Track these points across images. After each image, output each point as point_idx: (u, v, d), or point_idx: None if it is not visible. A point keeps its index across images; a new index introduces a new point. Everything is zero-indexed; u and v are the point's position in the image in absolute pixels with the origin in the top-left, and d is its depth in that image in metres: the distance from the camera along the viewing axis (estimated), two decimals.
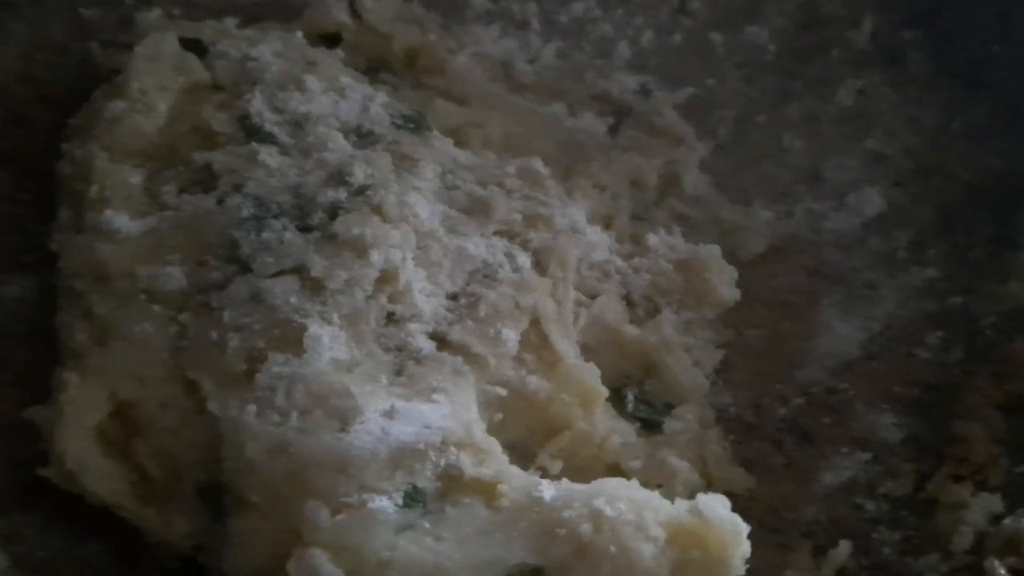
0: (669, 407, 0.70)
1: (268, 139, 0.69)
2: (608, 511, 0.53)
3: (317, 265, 0.60)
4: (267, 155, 0.67)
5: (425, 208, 0.65)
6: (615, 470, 0.65)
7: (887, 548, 0.65)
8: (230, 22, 0.81)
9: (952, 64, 0.85)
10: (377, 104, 0.73)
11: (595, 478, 0.58)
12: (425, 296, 0.62)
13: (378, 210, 0.63)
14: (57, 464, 0.58)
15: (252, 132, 0.69)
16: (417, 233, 0.63)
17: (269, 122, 0.70)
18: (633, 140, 0.86)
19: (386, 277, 0.61)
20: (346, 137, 0.69)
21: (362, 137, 0.70)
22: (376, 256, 0.60)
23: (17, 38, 0.76)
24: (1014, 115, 0.82)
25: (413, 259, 0.62)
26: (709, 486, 0.68)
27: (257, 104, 0.70)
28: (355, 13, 0.85)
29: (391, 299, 0.61)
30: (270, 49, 0.74)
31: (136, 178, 0.66)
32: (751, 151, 0.87)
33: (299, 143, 0.69)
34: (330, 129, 0.69)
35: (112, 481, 0.58)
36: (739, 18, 0.91)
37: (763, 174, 0.86)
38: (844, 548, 0.64)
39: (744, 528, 0.54)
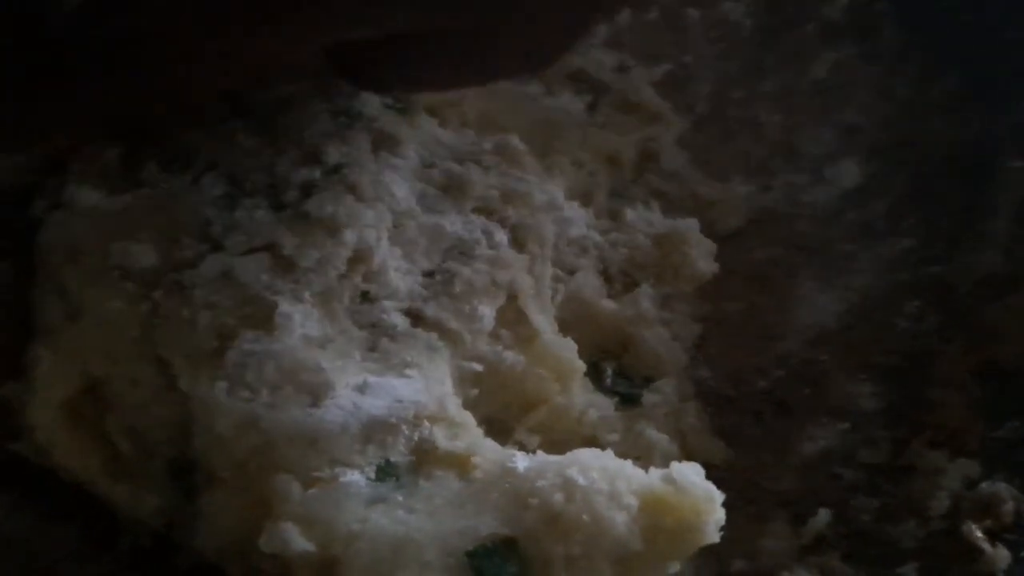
0: (647, 381, 0.70)
1: (248, 116, 0.69)
2: (580, 480, 0.53)
3: (288, 243, 0.60)
4: (244, 135, 0.67)
5: (402, 187, 0.64)
6: (592, 444, 0.65)
7: (865, 515, 0.65)
8: None
9: (924, 36, 0.86)
10: None
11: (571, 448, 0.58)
12: (400, 274, 0.62)
13: (353, 189, 0.63)
14: (28, 439, 0.59)
15: (236, 109, 0.69)
16: (393, 212, 0.63)
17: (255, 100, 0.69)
18: (610, 117, 0.86)
19: (359, 256, 0.61)
20: (334, 118, 0.69)
21: (351, 118, 0.70)
22: (349, 235, 0.60)
23: None
24: (985, 85, 0.82)
25: (388, 238, 0.62)
26: (687, 458, 0.68)
27: None
28: None
29: (365, 278, 0.61)
30: None
31: (113, 154, 0.66)
32: (728, 126, 0.87)
33: (279, 122, 0.69)
34: (316, 111, 0.69)
35: (83, 456, 0.58)
36: None
37: (740, 149, 0.86)
38: (823, 516, 0.64)
39: (718, 495, 0.54)
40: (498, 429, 0.63)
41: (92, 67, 0.56)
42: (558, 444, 0.63)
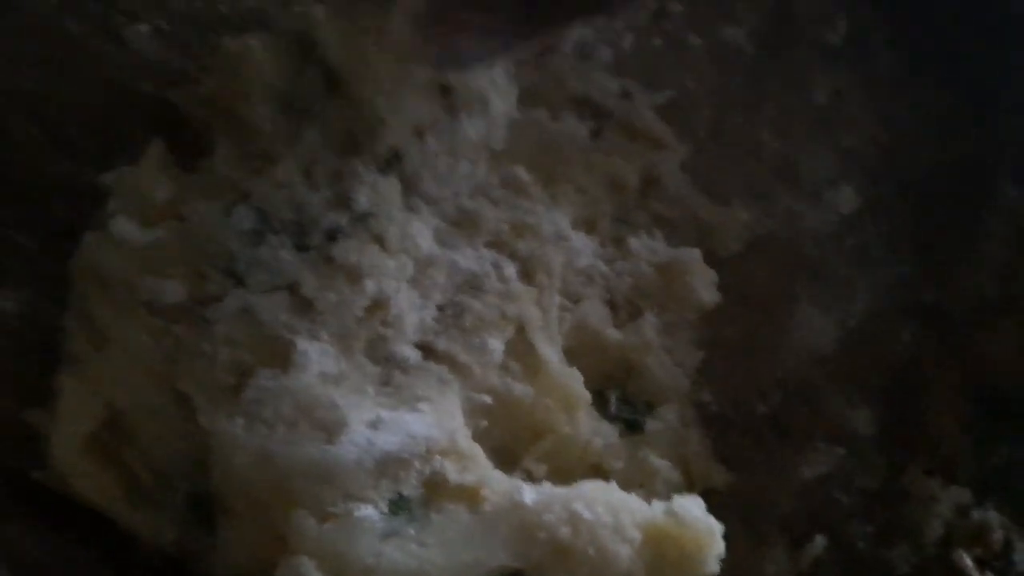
0: (650, 407, 0.72)
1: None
2: (586, 514, 0.55)
3: (309, 285, 0.62)
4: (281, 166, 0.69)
5: (425, 235, 0.66)
6: (598, 471, 0.68)
7: (861, 541, 0.67)
8: None
9: (922, 61, 0.87)
10: None
11: (578, 479, 0.61)
12: (416, 311, 0.64)
13: (378, 239, 0.64)
14: (51, 468, 0.60)
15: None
16: (415, 260, 0.65)
17: None
18: (614, 143, 0.87)
19: (378, 304, 0.62)
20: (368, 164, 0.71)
21: (388, 164, 0.71)
22: (370, 284, 0.62)
23: (1, 53, 0.77)
24: (981, 111, 0.83)
25: (409, 281, 0.64)
26: (690, 484, 0.70)
27: None
28: None
29: (382, 323, 0.62)
30: None
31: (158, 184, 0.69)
32: (729, 151, 0.89)
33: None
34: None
35: (103, 486, 0.60)
36: (716, 19, 0.93)
37: (741, 173, 0.88)
38: (819, 542, 0.67)
39: (718, 528, 0.56)
40: (506, 458, 0.65)
41: None
42: (564, 472, 0.66)
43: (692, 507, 0.56)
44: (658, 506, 0.57)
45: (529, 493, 0.57)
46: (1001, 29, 0.85)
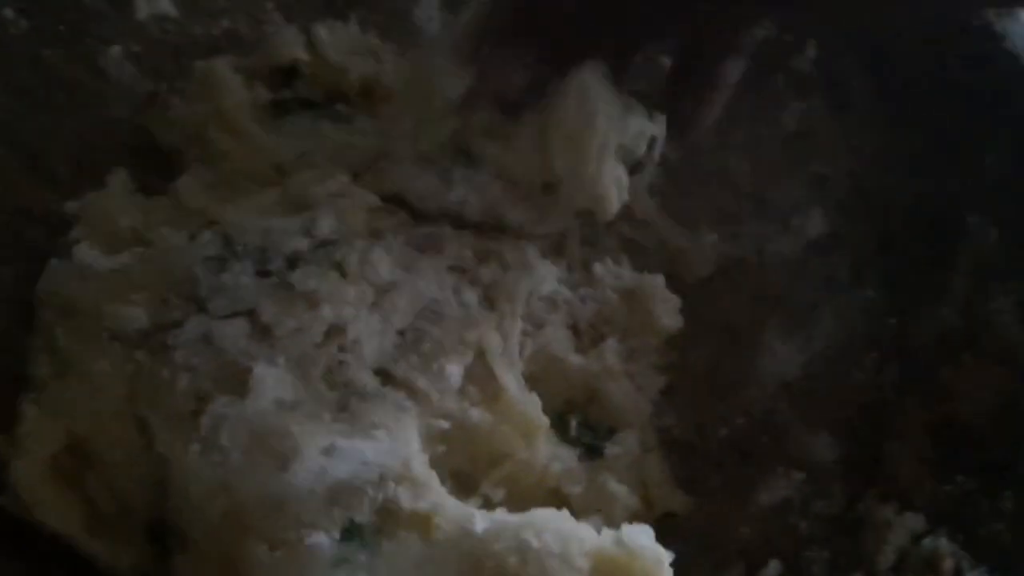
0: (611, 432, 0.73)
1: None
2: (534, 543, 0.55)
3: (267, 311, 0.62)
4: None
5: (386, 263, 0.67)
6: (557, 496, 0.68)
7: (815, 566, 0.68)
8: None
9: (890, 89, 0.88)
10: None
11: (537, 504, 0.61)
12: (375, 336, 0.65)
13: (338, 266, 0.65)
14: (12, 494, 0.61)
15: None
16: (374, 288, 0.66)
17: None
18: None
19: (336, 329, 0.63)
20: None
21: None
22: (328, 311, 0.63)
23: None
24: (949, 140, 0.84)
25: (369, 307, 0.65)
26: (648, 509, 0.71)
27: None
28: (311, 46, 0.87)
29: (340, 348, 0.63)
30: None
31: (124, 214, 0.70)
32: (698, 175, 0.90)
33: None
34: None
35: (64, 512, 0.61)
36: None
37: (710, 198, 0.89)
38: (774, 568, 0.67)
39: (666, 557, 0.57)
40: (464, 483, 0.66)
41: None
42: (523, 497, 0.66)
43: (641, 536, 0.57)
44: (607, 535, 0.57)
45: (480, 521, 0.58)
46: (968, 59, 0.86)
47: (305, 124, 0.83)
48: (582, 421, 0.73)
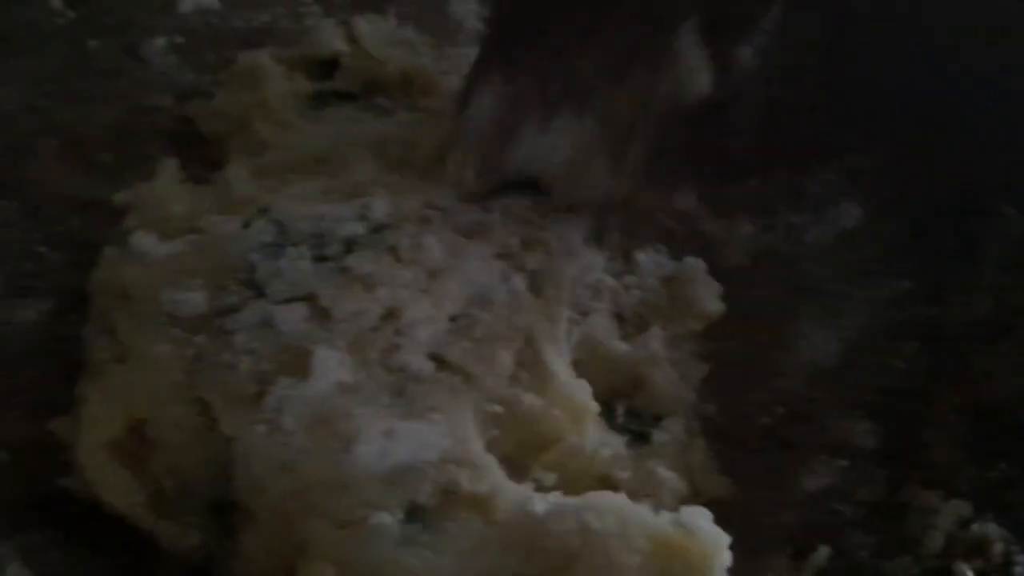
0: (656, 419, 0.74)
1: None
2: (596, 524, 0.56)
3: (326, 295, 0.63)
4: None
5: (437, 248, 0.67)
6: (605, 481, 0.69)
7: (862, 551, 0.68)
8: None
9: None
10: None
11: (587, 489, 0.62)
12: (429, 322, 0.65)
13: (392, 250, 0.66)
14: (77, 475, 0.62)
15: None
16: (427, 272, 0.66)
17: None
18: None
19: (392, 312, 0.64)
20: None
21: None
22: (384, 294, 0.64)
23: (22, 70, 0.78)
24: (982, 132, 0.85)
25: (421, 292, 0.65)
26: (694, 494, 0.72)
27: None
28: (352, 39, 0.88)
29: (396, 331, 0.64)
30: None
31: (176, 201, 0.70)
32: None
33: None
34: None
35: (128, 493, 0.62)
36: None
37: (747, 189, 0.90)
38: (822, 552, 0.68)
39: (725, 539, 0.57)
40: (516, 467, 0.66)
41: None
42: (573, 481, 0.67)
43: (700, 518, 0.58)
44: (666, 517, 0.58)
45: (540, 503, 0.58)
46: (1003, 51, 0.86)
47: (345, 116, 0.83)
48: (628, 408, 0.74)
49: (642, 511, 0.58)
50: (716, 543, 0.56)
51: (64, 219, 0.75)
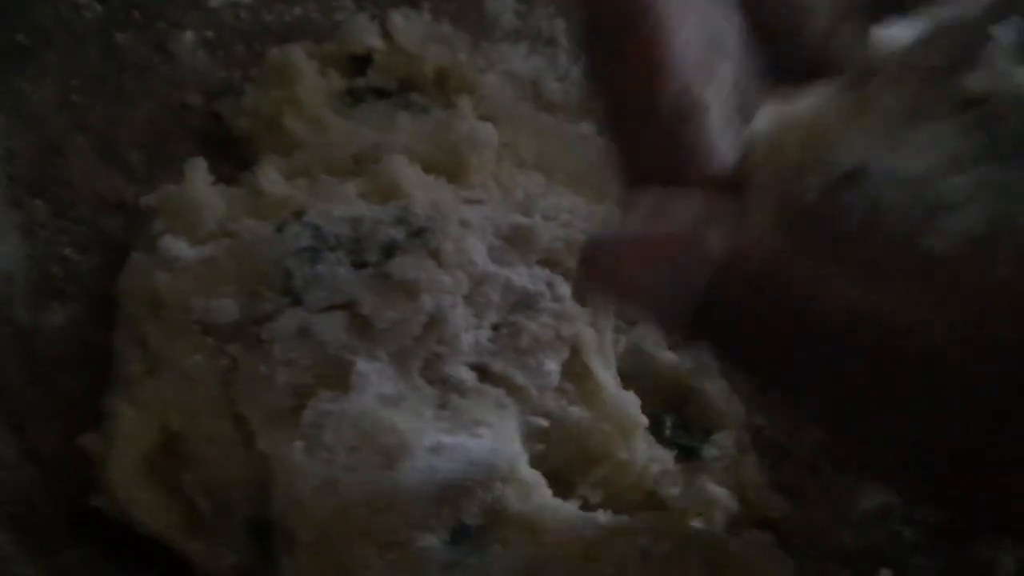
0: (707, 433, 0.71)
1: None
2: (654, 549, 0.53)
3: (367, 303, 0.60)
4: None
5: (480, 251, 0.65)
6: (654, 498, 0.66)
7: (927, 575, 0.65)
8: None
9: None
10: None
11: (634, 506, 0.59)
12: (471, 330, 0.63)
13: (435, 254, 0.63)
14: (107, 494, 0.60)
15: None
16: (470, 277, 0.64)
17: None
18: None
19: (435, 321, 0.61)
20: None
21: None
22: (427, 301, 0.61)
23: (52, 67, 0.76)
24: None
25: (464, 298, 0.62)
26: (747, 512, 0.68)
27: None
28: (386, 34, 0.85)
29: (439, 341, 0.61)
30: None
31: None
32: None
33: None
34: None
35: (161, 512, 0.59)
36: None
37: None
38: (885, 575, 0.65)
39: (789, 563, 0.54)
40: (562, 484, 0.63)
41: None
42: (620, 498, 0.64)
43: (762, 541, 0.55)
44: (726, 539, 0.55)
45: (590, 525, 0.55)
46: None
47: (380, 113, 0.81)
48: (676, 421, 0.71)
49: (700, 534, 0.55)
50: (781, 567, 0.53)
51: (95, 220, 0.72)
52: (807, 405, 0.45)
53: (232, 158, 0.79)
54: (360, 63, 0.84)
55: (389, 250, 0.63)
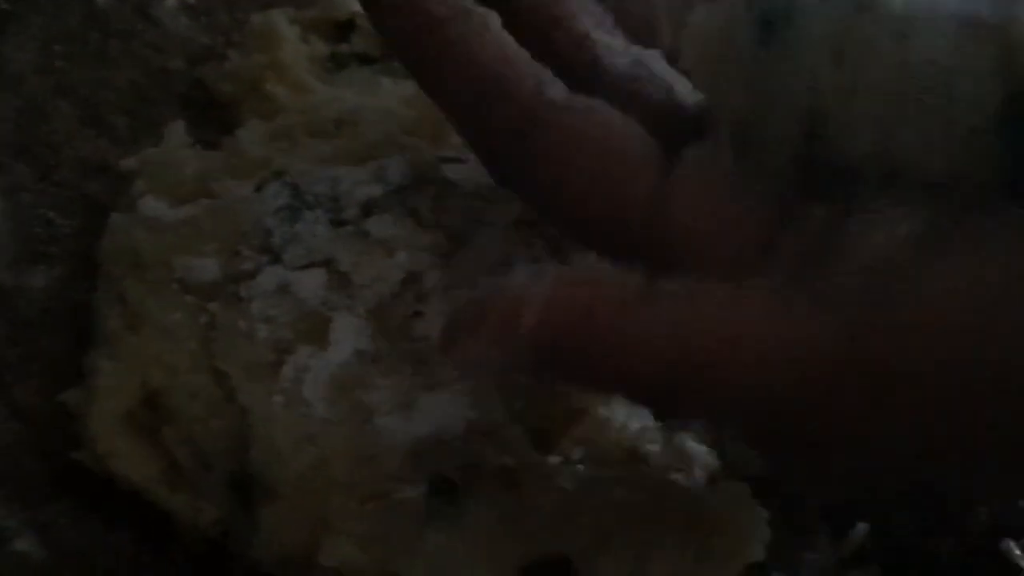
0: None
1: None
2: (628, 497, 0.54)
3: (345, 260, 0.61)
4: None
5: (458, 211, 0.65)
6: (634, 454, 0.66)
7: (904, 530, 0.66)
8: None
9: None
10: None
11: (615, 463, 0.59)
12: (450, 290, 0.63)
13: (413, 212, 0.63)
14: (89, 448, 0.60)
15: None
16: (448, 237, 0.64)
17: None
18: None
19: (412, 277, 0.61)
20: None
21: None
22: (404, 258, 0.61)
23: (34, 30, 0.76)
24: None
25: (441, 257, 0.63)
26: (727, 469, 0.69)
27: None
28: None
29: (416, 297, 0.61)
30: None
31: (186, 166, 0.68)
32: None
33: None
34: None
35: (142, 467, 0.60)
36: None
37: None
38: (861, 529, 0.65)
39: (763, 514, 0.55)
40: (542, 440, 0.64)
41: None
42: (600, 455, 0.64)
43: (738, 493, 0.55)
44: (703, 492, 0.56)
45: (570, 478, 0.56)
46: None
47: (362, 79, 0.81)
48: None
49: (677, 486, 0.56)
50: (756, 519, 0.54)
51: (78, 184, 0.73)
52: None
53: (215, 123, 0.79)
54: (343, 29, 0.84)
55: (367, 208, 0.63)
